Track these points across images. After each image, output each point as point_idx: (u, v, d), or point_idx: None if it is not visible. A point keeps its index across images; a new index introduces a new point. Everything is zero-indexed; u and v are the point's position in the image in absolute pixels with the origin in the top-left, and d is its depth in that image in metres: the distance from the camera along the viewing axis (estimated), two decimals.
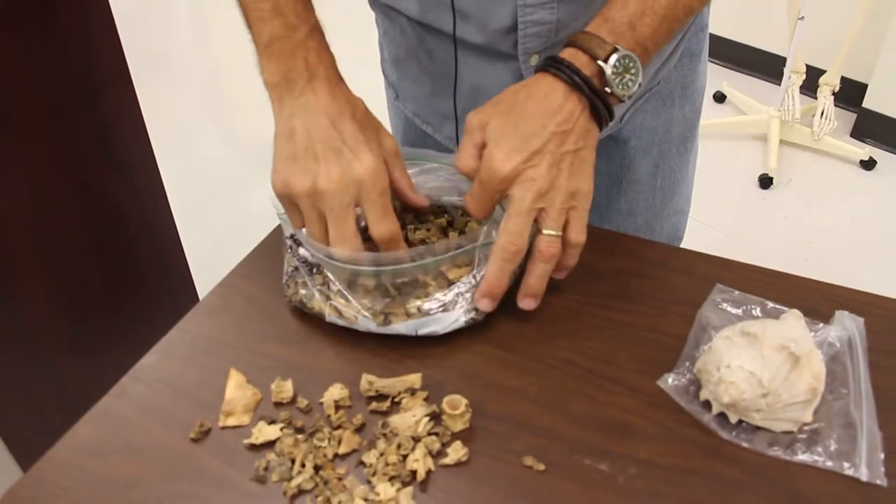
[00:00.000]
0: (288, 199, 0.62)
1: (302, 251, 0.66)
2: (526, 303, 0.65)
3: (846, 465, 0.54)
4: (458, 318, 0.64)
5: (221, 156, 2.53)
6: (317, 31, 0.65)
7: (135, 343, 0.69)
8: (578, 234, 0.63)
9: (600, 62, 0.60)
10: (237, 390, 0.60)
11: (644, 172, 0.92)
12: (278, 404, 0.60)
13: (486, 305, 0.63)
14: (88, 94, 1.07)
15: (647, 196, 0.94)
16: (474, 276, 0.64)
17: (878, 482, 0.53)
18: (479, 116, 0.64)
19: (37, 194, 1.04)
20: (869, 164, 2.42)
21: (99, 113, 1.10)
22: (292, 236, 0.67)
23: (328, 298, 0.64)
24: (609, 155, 0.91)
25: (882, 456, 0.54)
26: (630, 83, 0.62)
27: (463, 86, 0.82)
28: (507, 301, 0.66)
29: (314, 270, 0.65)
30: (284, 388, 0.60)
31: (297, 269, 0.66)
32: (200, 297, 0.68)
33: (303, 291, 0.65)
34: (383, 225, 0.61)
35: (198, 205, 2.23)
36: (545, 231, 0.61)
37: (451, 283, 0.64)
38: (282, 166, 0.61)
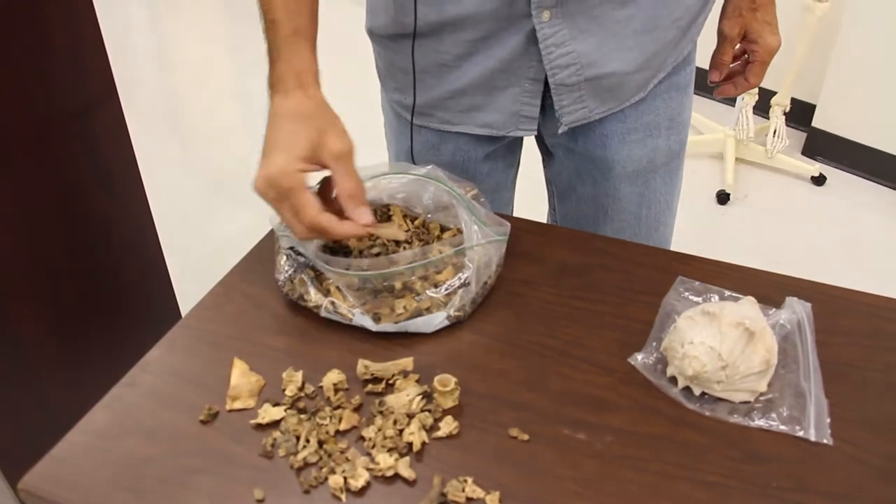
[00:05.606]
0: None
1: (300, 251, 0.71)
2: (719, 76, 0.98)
3: (797, 428, 0.60)
4: (443, 319, 0.69)
5: (184, 184, 2.55)
6: (296, 34, 0.69)
7: (119, 357, 0.73)
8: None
9: None
10: (241, 377, 0.64)
11: (630, 202, 0.94)
12: (283, 392, 0.64)
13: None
14: (78, 112, 1.11)
15: (633, 226, 0.96)
16: (458, 278, 0.69)
17: (825, 441, 0.59)
18: (731, 24, 0.93)
19: (25, 211, 1.07)
20: (819, 180, 2.54)
21: (87, 131, 1.13)
22: (292, 248, 0.72)
23: (327, 294, 0.69)
24: (594, 181, 0.93)
25: (828, 420, 0.61)
26: None
27: (476, 71, 0.83)
28: (487, 296, 0.72)
29: (313, 269, 0.70)
30: (294, 378, 0.64)
31: (297, 267, 0.71)
32: (183, 314, 0.71)
33: (301, 289, 0.70)
34: (302, 221, 0.65)
35: (171, 228, 2.25)
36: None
37: (437, 285, 0.69)
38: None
